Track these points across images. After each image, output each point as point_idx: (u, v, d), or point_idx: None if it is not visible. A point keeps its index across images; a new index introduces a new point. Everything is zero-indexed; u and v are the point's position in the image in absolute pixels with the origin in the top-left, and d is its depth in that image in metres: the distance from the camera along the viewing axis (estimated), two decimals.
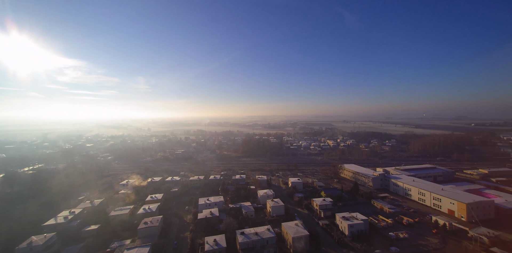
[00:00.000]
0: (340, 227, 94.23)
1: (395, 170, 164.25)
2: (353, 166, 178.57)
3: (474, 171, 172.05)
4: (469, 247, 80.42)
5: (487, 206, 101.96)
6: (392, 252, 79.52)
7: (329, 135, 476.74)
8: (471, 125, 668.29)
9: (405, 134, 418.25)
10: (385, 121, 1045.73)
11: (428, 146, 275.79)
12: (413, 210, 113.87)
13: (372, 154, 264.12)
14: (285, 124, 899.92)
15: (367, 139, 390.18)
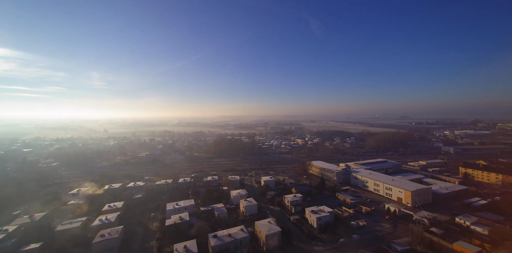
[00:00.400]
0: (310, 220, 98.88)
1: (354, 164, 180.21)
2: (320, 163, 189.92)
3: (415, 163, 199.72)
4: (414, 229, 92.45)
5: (426, 193, 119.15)
6: (354, 240, 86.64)
7: (298, 134, 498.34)
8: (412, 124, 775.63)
9: (361, 132, 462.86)
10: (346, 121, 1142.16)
11: (380, 142, 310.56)
12: (370, 199, 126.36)
13: (336, 150, 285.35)
14: (256, 124, 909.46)
15: (331, 137, 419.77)
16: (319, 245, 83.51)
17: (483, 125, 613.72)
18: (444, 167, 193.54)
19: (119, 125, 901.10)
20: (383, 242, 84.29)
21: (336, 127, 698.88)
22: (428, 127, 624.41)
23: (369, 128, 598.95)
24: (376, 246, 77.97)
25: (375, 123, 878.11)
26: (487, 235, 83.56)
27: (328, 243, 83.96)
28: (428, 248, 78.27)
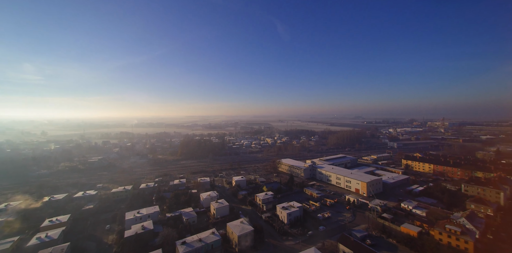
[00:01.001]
0: (280, 217, 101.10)
1: (319, 160, 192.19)
2: (289, 160, 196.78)
3: (368, 157, 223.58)
4: (369, 216, 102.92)
5: (378, 183, 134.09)
6: (320, 231, 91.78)
7: (267, 133, 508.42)
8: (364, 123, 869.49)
9: (324, 131, 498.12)
10: (310, 120, 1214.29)
11: (340, 139, 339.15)
12: (333, 192, 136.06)
13: (302, 148, 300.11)
14: (226, 124, 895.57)
15: (298, 136, 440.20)
16: (289, 240, 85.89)
17: (417, 123, 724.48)
18: (390, 159, 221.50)
19: (62, 127, 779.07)
20: (345, 231, 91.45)
21: (302, 126, 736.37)
22: (377, 126, 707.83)
23: (330, 127, 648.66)
24: (340, 235, 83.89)
25: (335, 122, 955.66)
26: (424, 217, 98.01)
27: (298, 237, 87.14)
28: (381, 232, 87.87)
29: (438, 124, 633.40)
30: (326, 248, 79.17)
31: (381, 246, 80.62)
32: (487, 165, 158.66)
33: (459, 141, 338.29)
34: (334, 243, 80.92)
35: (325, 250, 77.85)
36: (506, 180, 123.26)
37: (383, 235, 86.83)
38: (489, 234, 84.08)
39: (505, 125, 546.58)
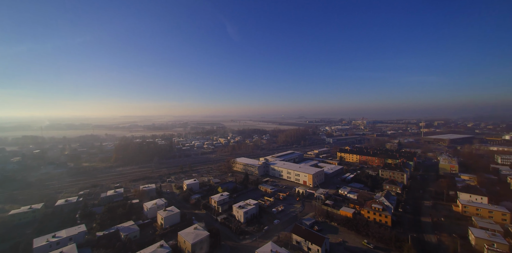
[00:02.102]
0: (237, 216, 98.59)
1: (271, 157, 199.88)
2: (243, 159, 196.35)
3: (312, 152, 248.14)
4: (315, 204, 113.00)
5: (321, 174, 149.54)
6: (275, 225, 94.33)
7: (221, 133, 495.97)
8: (307, 122, 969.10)
9: (274, 129, 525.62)
10: (261, 120, 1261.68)
11: (288, 137, 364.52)
12: (285, 186, 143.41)
13: (255, 147, 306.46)
14: (174, 125, 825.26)
15: (250, 135, 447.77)
16: (247, 239, 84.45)
17: (345, 122, 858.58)
18: (328, 153, 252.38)
19: None
20: (297, 221, 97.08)
21: (254, 125, 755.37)
22: (316, 124, 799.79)
23: (279, 126, 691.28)
24: (293, 226, 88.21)
25: (283, 122, 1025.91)
26: (356, 199, 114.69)
27: (255, 234, 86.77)
28: (326, 217, 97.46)
29: (359, 122, 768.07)
30: (281, 240, 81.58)
31: (326, 230, 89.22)
32: (394, 153, 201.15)
33: (374, 136, 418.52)
34: (288, 234, 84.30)
35: (280, 242, 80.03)
36: (407, 164, 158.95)
37: (327, 219, 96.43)
38: (399, 208, 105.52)
39: (400, 123, 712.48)
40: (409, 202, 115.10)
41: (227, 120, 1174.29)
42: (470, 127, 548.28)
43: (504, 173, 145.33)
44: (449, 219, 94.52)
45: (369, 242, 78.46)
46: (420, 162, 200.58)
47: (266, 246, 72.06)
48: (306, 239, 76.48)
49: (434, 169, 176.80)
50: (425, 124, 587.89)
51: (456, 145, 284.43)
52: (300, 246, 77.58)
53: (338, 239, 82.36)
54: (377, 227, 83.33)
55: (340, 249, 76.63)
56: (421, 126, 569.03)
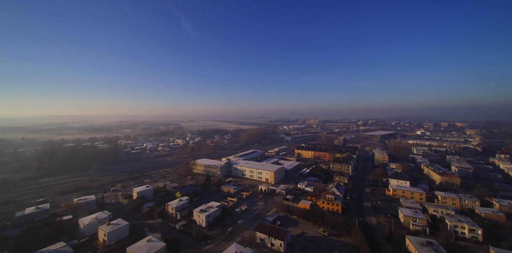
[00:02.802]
0: (198, 221, 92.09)
1: (234, 157, 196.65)
2: (204, 160, 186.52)
3: (272, 150, 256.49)
4: (277, 200, 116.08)
5: (281, 171, 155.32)
6: (239, 225, 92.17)
7: (178, 134, 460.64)
8: (267, 122, 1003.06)
9: (236, 129, 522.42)
10: (222, 120, 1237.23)
11: (250, 136, 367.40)
12: (248, 185, 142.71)
13: (217, 147, 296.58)
14: (119, 126, 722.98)
15: (211, 135, 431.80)
16: (209, 244, 79.44)
17: (300, 121, 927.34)
18: (287, 150, 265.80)
19: None
20: (260, 218, 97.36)
21: (214, 125, 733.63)
22: (276, 124, 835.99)
23: (241, 126, 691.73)
24: (257, 224, 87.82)
25: (244, 122, 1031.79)
26: (312, 192, 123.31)
27: (218, 237, 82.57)
28: (287, 212, 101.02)
29: (312, 122, 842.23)
30: (246, 239, 79.94)
31: (288, 224, 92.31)
32: (341, 148, 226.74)
33: (324, 134, 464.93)
34: (252, 233, 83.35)
35: (244, 242, 78.26)
36: (351, 158, 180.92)
37: (288, 214, 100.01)
38: (347, 196, 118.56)
39: (344, 122, 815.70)
40: (354, 190, 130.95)
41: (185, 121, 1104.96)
42: (394, 124, 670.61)
43: (419, 161, 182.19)
44: (384, 202, 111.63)
45: (324, 230, 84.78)
46: (360, 155, 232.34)
47: (230, 248, 69.07)
48: (270, 235, 77.01)
49: (371, 160, 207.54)
50: (362, 123, 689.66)
51: (385, 140, 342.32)
52: (264, 243, 77.65)
53: (298, 231, 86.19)
54: (330, 216, 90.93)
55: (300, 240, 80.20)
56: (359, 124, 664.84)
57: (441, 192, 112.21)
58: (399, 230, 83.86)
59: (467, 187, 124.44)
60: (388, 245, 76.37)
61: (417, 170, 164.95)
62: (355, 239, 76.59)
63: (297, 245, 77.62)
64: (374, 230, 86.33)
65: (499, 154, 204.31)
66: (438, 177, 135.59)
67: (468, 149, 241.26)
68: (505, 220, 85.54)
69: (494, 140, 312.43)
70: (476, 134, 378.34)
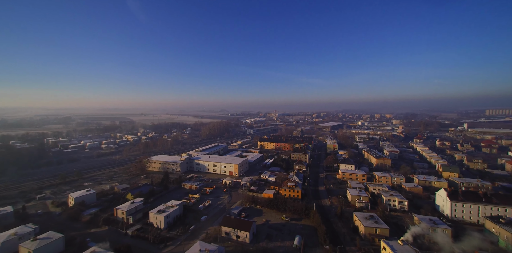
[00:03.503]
0: (155, 223, 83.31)
1: (195, 152, 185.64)
2: (161, 157, 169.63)
3: (235, 143, 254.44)
4: (242, 192, 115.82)
5: (245, 163, 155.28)
6: (202, 222, 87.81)
7: (127, 129, 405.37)
8: (229, 115, 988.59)
9: (196, 123, 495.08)
10: (180, 113, 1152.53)
11: (212, 130, 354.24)
12: (211, 180, 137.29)
13: (175, 142, 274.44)
14: (44, 121, 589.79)
15: (168, 130, 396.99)
16: (169, 245, 72.97)
17: (261, 114, 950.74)
18: (250, 143, 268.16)
19: None
20: (225, 212, 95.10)
21: (171, 119, 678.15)
22: (238, 117, 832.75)
23: (202, 119, 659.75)
24: (222, 218, 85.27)
25: (205, 115, 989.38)
26: (275, 181, 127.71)
27: (180, 237, 76.66)
28: (251, 203, 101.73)
29: (273, 114, 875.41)
30: (210, 235, 76.72)
31: (253, 214, 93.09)
32: (299, 139, 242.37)
33: (284, 126, 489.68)
34: (217, 228, 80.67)
35: (209, 238, 74.99)
36: (308, 147, 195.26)
37: (252, 204, 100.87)
38: (306, 182, 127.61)
39: (301, 114, 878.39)
40: (311, 176, 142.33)
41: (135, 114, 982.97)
42: (340, 117, 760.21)
43: (361, 147, 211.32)
44: (336, 185, 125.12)
45: (286, 216, 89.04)
46: (315, 144, 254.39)
47: (193, 247, 64.80)
48: (235, 228, 75.98)
49: (324, 148, 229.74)
50: (316, 116, 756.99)
51: (334, 130, 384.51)
52: (229, 236, 76.21)
53: (263, 220, 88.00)
54: (291, 202, 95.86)
55: (265, 229, 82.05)
56: (314, 117, 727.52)
57: (377, 172, 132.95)
58: (348, 208, 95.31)
59: (395, 166, 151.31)
60: (339, 222, 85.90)
61: (360, 155, 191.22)
62: (313, 221, 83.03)
63: (262, 233, 79.05)
64: (328, 211, 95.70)
65: (416, 139, 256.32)
66: (375, 160, 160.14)
67: (395, 136, 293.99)
68: (422, 191, 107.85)
69: (412, 128, 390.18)
70: (400, 123, 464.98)
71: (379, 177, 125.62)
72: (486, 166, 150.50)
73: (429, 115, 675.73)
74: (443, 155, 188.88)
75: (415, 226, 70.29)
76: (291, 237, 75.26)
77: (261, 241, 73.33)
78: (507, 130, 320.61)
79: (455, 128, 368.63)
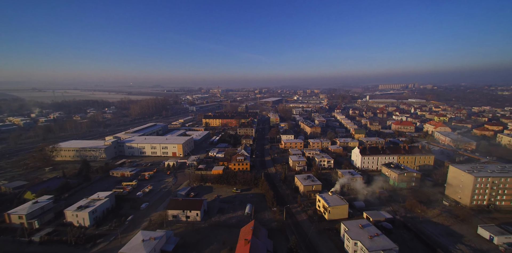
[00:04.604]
0: (75, 222, 66.85)
1: (126, 134, 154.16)
2: (74, 142, 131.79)
3: (177, 122, 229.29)
4: (189, 172, 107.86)
5: (190, 142, 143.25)
6: (143, 210, 77.37)
7: (12, 109, 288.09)
8: (165, 92, 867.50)
9: (122, 100, 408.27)
10: (96, 89, 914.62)
11: (145, 108, 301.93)
12: (150, 163, 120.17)
13: (94, 124, 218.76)
14: None
15: (81, 109, 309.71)
16: (99, 244, 60.88)
17: (204, 91, 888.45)
18: (194, 121, 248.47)
19: None
20: (171, 195, 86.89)
21: (85, 96, 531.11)
22: (176, 93, 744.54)
23: (130, 96, 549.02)
24: (168, 202, 77.21)
25: (133, 91, 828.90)
26: (224, 157, 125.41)
27: (113, 232, 65.01)
28: (200, 181, 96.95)
29: (216, 91, 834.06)
30: (155, 222, 68.83)
31: (202, 192, 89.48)
32: (244, 114, 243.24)
33: (229, 102, 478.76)
34: (163, 212, 73.10)
35: (154, 225, 67.24)
36: (253, 122, 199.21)
37: (201, 183, 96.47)
38: (253, 155, 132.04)
39: (244, 91, 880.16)
40: (258, 148, 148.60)
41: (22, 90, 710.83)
42: (279, 92, 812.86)
43: (297, 119, 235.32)
44: (279, 154, 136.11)
45: (237, 188, 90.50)
46: (260, 119, 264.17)
47: (134, 238, 56.30)
48: (184, 209, 70.98)
49: (267, 122, 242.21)
50: (258, 92, 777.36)
51: (275, 105, 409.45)
52: (178, 218, 71.05)
53: (214, 196, 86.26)
54: (241, 174, 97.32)
55: (216, 204, 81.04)
56: (256, 93, 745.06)
57: (311, 139, 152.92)
58: (290, 173, 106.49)
59: (323, 133, 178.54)
60: (284, 186, 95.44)
61: (297, 126, 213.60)
62: (261, 188, 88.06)
63: (213, 209, 77.71)
64: (274, 177, 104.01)
65: (336, 110, 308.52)
66: (309, 129, 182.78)
67: (322, 108, 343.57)
68: (342, 151, 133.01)
69: (333, 100, 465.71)
70: (325, 97, 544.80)
71: (312, 143, 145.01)
72: (380, 127, 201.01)
73: (344, 90, 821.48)
74: (354, 121, 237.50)
75: (342, 178, 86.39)
76: (243, 206, 77.68)
77: (213, 216, 72.17)
78: (392, 100, 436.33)
79: (361, 99, 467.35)
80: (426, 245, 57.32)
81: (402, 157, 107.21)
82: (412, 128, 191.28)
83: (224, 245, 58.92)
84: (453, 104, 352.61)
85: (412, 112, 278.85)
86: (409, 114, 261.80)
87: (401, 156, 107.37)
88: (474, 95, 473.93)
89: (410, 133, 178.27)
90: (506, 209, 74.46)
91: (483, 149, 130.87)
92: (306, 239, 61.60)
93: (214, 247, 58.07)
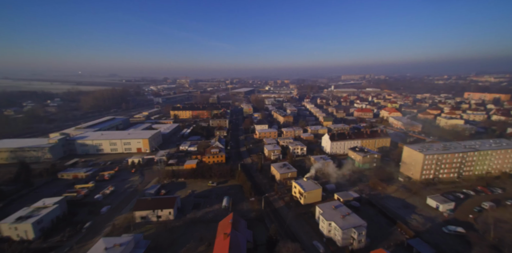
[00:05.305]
0: (15, 236, 55.65)
1: (76, 130, 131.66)
2: (8, 141, 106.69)
3: (140, 115, 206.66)
4: (158, 168, 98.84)
5: (158, 136, 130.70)
6: (104, 213, 68.31)
7: None
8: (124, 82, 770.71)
9: (70, 91, 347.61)
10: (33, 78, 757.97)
11: (99, 100, 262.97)
12: (110, 162, 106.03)
13: (34, 119, 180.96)
14: None
15: (15, 102, 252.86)
16: None
17: (170, 81, 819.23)
18: (161, 113, 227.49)
19: None
20: (138, 195, 78.47)
21: (17, 86, 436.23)
22: (138, 84, 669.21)
23: (79, 87, 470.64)
24: (135, 203, 69.24)
25: (83, 81, 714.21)
26: (197, 151, 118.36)
27: (67, 242, 55.81)
28: (172, 177, 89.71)
29: (184, 81, 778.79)
30: (120, 226, 61.37)
31: (175, 189, 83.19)
32: (217, 105, 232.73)
33: (199, 93, 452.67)
34: (129, 215, 65.54)
35: (119, 230, 59.88)
36: (226, 113, 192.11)
37: (173, 179, 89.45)
38: (228, 146, 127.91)
39: (215, 81, 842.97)
40: (232, 139, 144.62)
41: None
42: (251, 83, 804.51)
43: (270, 109, 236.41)
44: (254, 144, 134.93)
45: (213, 181, 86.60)
46: (233, 110, 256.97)
47: (94, 247, 49.46)
48: (154, 209, 64.71)
49: (241, 113, 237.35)
50: (230, 82, 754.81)
51: (248, 95, 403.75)
52: (147, 219, 64.70)
53: (188, 192, 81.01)
54: (217, 167, 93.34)
55: (190, 200, 76.38)
56: (228, 83, 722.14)
57: (284, 128, 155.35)
58: (266, 162, 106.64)
59: (295, 122, 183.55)
60: (260, 175, 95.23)
61: (270, 116, 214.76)
62: (238, 179, 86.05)
63: (188, 205, 73.02)
64: (250, 168, 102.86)
65: (306, 99, 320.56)
66: (282, 118, 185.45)
67: (293, 98, 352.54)
68: (313, 138, 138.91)
69: (302, 90, 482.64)
70: (295, 87, 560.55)
71: (285, 132, 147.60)
72: (345, 115, 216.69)
73: (312, 80, 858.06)
74: (322, 109, 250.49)
75: (316, 164, 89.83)
76: (220, 200, 74.80)
77: (188, 213, 67.69)
78: (353, 89, 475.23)
79: (327, 89, 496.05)
80: (388, 218, 64.34)
81: (365, 141, 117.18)
82: (371, 114, 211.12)
83: (202, 241, 55.88)
84: (401, 92, 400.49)
85: (370, 100, 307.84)
86: (368, 102, 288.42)
87: (364, 140, 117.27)
88: (417, 84, 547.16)
89: (370, 119, 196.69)
90: (447, 180, 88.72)
91: (427, 130, 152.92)
92: (285, 226, 62.74)
93: (191, 245, 54.51)
